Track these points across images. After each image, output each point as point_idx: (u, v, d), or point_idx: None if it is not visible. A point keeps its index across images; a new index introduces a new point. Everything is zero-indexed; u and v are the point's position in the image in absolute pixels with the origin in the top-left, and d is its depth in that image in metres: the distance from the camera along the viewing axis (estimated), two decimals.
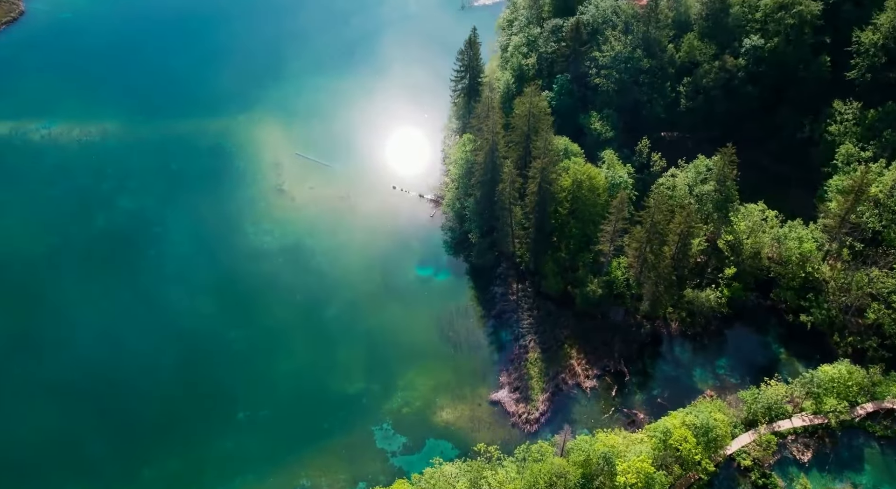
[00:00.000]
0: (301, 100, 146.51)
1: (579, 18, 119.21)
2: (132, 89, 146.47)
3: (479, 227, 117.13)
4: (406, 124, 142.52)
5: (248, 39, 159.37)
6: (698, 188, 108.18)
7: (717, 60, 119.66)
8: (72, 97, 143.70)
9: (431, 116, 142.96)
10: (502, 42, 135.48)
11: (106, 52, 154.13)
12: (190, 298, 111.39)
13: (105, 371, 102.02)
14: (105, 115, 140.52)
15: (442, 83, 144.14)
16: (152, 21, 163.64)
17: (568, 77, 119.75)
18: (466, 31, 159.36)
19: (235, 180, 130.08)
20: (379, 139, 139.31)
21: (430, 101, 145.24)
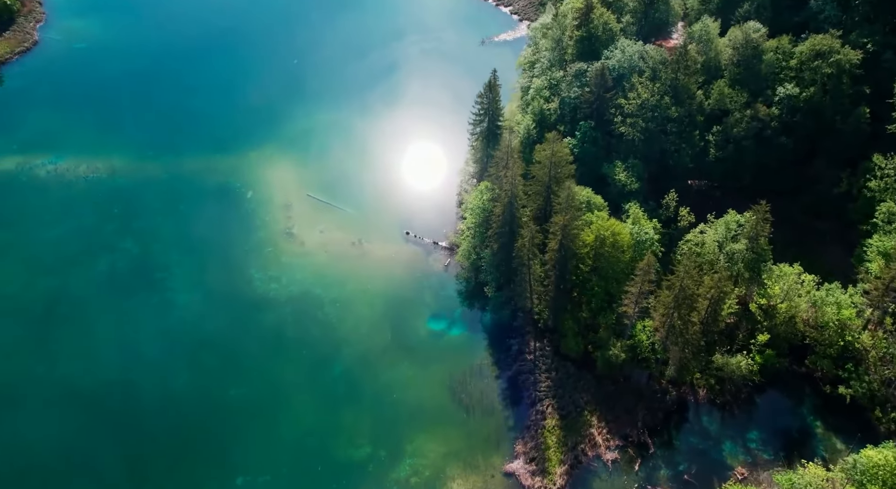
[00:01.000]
0: (315, 137, 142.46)
1: (605, 64, 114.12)
2: (143, 123, 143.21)
3: (496, 280, 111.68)
4: (422, 166, 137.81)
5: (264, 73, 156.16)
6: (729, 246, 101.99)
7: (749, 109, 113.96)
8: (81, 131, 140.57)
9: (448, 158, 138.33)
10: (523, 83, 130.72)
11: (118, 85, 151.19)
12: (191, 352, 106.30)
13: (93, 430, 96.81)
14: (114, 150, 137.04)
15: (460, 123, 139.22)
16: (167, 53, 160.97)
17: (591, 124, 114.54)
18: (486, 68, 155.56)
19: (244, 222, 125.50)
20: (393, 181, 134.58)
21: (447, 142, 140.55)
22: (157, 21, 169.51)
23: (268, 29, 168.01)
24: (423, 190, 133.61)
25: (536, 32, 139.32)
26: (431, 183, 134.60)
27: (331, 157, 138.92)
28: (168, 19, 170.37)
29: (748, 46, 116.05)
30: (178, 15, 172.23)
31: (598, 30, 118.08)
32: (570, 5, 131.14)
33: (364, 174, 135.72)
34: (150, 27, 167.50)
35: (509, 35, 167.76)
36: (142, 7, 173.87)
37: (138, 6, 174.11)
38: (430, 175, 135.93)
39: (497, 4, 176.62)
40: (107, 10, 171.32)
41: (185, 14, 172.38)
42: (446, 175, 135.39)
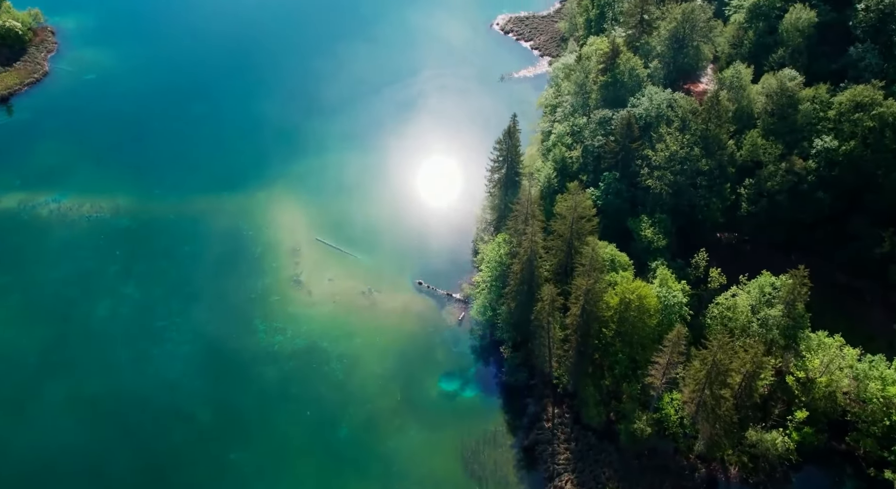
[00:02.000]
0: (326, 177, 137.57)
1: (631, 112, 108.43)
2: (150, 159, 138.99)
3: (512, 338, 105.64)
4: (436, 209, 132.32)
5: (276, 106, 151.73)
6: (763, 312, 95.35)
7: (784, 162, 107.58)
8: (86, 167, 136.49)
9: (464, 202, 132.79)
10: (544, 127, 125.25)
11: (126, 117, 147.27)
12: (189, 409, 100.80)
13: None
14: (119, 188, 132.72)
15: (477, 164, 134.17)
16: (178, 83, 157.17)
17: (616, 175, 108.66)
18: (505, 106, 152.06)
19: (250, 268, 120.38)
20: (406, 224, 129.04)
21: (463, 185, 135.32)
22: (169, 50, 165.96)
23: (281, 61, 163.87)
24: (437, 235, 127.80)
25: (558, 72, 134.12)
26: (446, 228, 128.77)
27: (342, 196, 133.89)
28: (181, 48, 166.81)
29: (783, 95, 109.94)
30: (191, 44, 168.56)
31: (623, 75, 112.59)
32: (593, 47, 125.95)
33: (376, 216, 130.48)
34: (163, 56, 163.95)
35: (529, 71, 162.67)
36: (155, 36, 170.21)
37: (151, 35, 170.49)
38: (445, 220, 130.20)
39: (517, 39, 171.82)
40: (119, 39, 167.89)
41: (199, 43, 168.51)
42: (461, 220, 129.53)
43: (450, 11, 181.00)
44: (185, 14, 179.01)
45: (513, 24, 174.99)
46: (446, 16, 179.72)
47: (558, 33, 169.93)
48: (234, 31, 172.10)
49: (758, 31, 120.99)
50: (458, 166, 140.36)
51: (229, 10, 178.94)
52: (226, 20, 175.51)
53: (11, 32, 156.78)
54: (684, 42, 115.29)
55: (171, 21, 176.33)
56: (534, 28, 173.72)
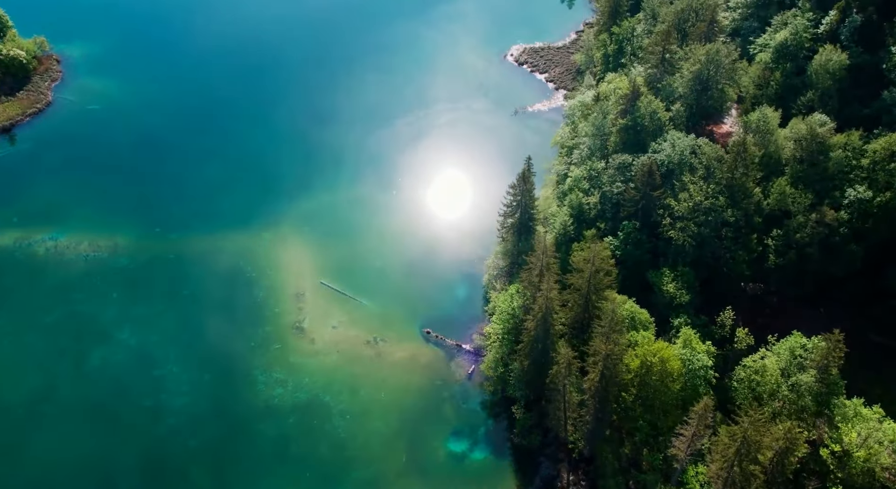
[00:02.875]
0: (334, 215, 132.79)
1: (652, 159, 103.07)
2: (152, 195, 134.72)
3: (525, 396, 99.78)
4: (446, 253, 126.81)
5: (285, 142, 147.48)
6: (795, 377, 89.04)
7: (814, 212, 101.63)
8: (86, 202, 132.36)
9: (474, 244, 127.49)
10: (559, 169, 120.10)
11: (129, 151, 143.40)
12: (181, 468, 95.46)
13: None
14: (119, 225, 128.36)
15: (488, 204, 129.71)
16: (184, 114, 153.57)
17: (636, 225, 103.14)
18: (519, 142, 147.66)
19: (251, 313, 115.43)
20: (414, 268, 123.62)
21: (473, 227, 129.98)
22: (177, 78, 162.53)
23: (291, 92, 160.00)
24: (447, 281, 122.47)
25: (574, 110, 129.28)
26: (456, 273, 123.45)
27: (349, 236, 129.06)
28: (189, 77, 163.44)
29: (813, 142, 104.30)
30: (200, 73, 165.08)
31: (644, 119, 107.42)
32: (612, 85, 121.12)
33: (384, 258, 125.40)
34: (169, 85, 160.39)
35: (544, 105, 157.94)
36: (162, 64, 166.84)
37: (159, 63, 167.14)
38: (456, 264, 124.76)
39: (532, 71, 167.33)
40: (126, 67, 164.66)
41: (208, 73, 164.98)
42: (472, 265, 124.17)
43: (464, 42, 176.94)
44: (195, 42, 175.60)
45: (527, 56, 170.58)
46: (460, 46, 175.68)
47: (574, 65, 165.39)
48: (243, 59, 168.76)
49: (785, 72, 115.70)
50: (469, 207, 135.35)
51: (239, 37, 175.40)
52: (235, 48, 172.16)
53: (16, 61, 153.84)
54: (708, 84, 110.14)
55: (180, 49, 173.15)
56: (549, 60, 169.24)
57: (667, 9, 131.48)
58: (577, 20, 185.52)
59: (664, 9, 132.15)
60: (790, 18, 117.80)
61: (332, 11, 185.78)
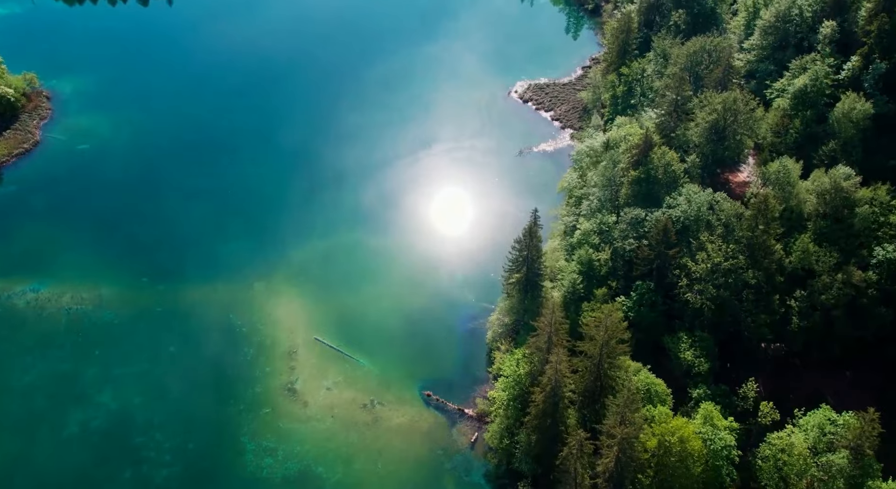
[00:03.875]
0: (330, 264, 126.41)
1: (667, 215, 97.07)
2: (141, 241, 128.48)
3: (532, 470, 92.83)
4: (448, 307, 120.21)
5: (281, 184, 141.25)
6: (825, 456, 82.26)
7: (840, 272, 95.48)
8: (71, 250, 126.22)
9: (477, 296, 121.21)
10: (567, 220, 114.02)
11: (118, 194, 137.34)
12: None
13: None
14: (104, 275, 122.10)
15: (492, 253, 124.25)
16: (177, 156, 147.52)
17: (650, 285, 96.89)
18: (523, 186, 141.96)
19: (241, 373, 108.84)
20: (415, 324, 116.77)
21: (476, 279, 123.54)
22: (171, 115, 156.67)
23: (289, 130, 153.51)
24: (449, 337, 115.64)
25: (582, 156, 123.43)
26: (458, 328, 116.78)
27: (346, 288, 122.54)
28: (182, 113, 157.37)
29: (837, 196, 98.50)
30: (195, 109, 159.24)
31: (657, 171, 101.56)
32: (622, 132, 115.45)
33: (381, 311, 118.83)
34: (163, 123, 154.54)
35: (550, 145, 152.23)
36: (156, 100, 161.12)
37: (153, 99, 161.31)
38: (457, 318, 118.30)
39: (537, 108, 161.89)
40: (118, 104, 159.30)
41: (203, 109, 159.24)
42: (475, 318, 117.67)
43: (467, 78, 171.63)
44: (192, 74, 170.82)
45: (532, 93, 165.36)
46: (463, 82, 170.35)
47: (581, 103, 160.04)
48: (239, 96, 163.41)
49: (805, 120, 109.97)
50: (472, 255, 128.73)
51: (236, 72, 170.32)
52: (232, 84, 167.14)
53: (3, 99, 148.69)
54: (725, 133, 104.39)
55: (176, 81, 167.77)
56: (554, 97, 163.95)
57: (678, 50, 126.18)
58: (583, 55, 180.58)
59: (675, 50, 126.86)
60: (809, 63, 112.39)
61: (329, 47, 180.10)
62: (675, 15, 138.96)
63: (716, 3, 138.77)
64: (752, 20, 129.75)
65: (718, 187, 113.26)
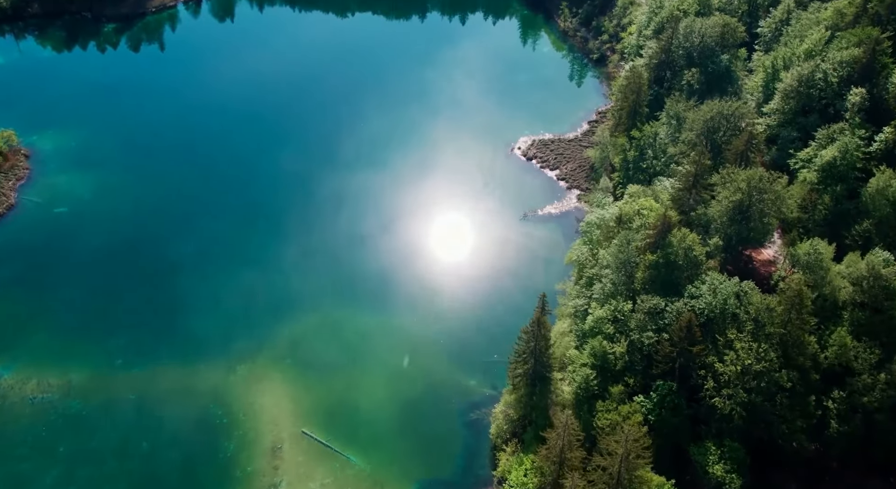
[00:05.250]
0: (319, 342, 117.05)
1: (691, 308, 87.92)
2: (116, 318, 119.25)
3: None
4: (448, 392, 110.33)
5: (268, 253, 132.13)
6: None
7: (883, 371, 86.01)
8: (40, 329, 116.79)
9: (479, 382, 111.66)
10: (578, 304, 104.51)
11: (94, 263, 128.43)
12: None
13: None
14: (75, 357, 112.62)
15: (496, 331, 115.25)
16: (160, 219, 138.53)
17: (672, 387, 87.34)
18: (528, 253, 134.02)
19: (220, 473, 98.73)
20: (412, 415, 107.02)
21: (479, 359, 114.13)
22: (156, 174, 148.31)
23: (280, 193, 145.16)
24: (448, 429, 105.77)
25: (592, 228, 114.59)
26: (459, 419, 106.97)
27: (336, 372, 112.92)
28: (170, 172, 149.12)
29: (876, 284, 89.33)
30: (182, 168, 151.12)
31: (677, 256, 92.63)
32: (635, 206, 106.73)
33: (375, 399, 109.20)
34: (147, 183, 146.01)
35: (556, 208, 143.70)
36: (142, 157, 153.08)
37: (138, 156, 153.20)
38: (458, 409, 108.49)
39: (541, 166, 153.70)
40: (100, 161, 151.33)
41: (190, 168, 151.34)
42: (477, 406, 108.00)
43: (466, 133, 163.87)
44: (180, 130, 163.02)
45: (536, 149, 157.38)
46: (462, 137, 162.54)
47: (588, 161, 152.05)
48: (226, 155, 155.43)
49: (835, 196, 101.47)
50: (474, 334, 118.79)
51: (224, 130, 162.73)
52: (220, 142, 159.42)
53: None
54: (749, 214, 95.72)
55: (162, 138, 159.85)
56: (559, 154, 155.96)
57: (693, 114, 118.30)
58: (589, 108, 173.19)
59: (690, 114, 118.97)
60: (837, 133, 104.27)
61: (320, 107, 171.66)
62: (688, 74, 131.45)
63: (731, 61, 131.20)
64: (770, 82, 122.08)
65: (741, 266, 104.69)
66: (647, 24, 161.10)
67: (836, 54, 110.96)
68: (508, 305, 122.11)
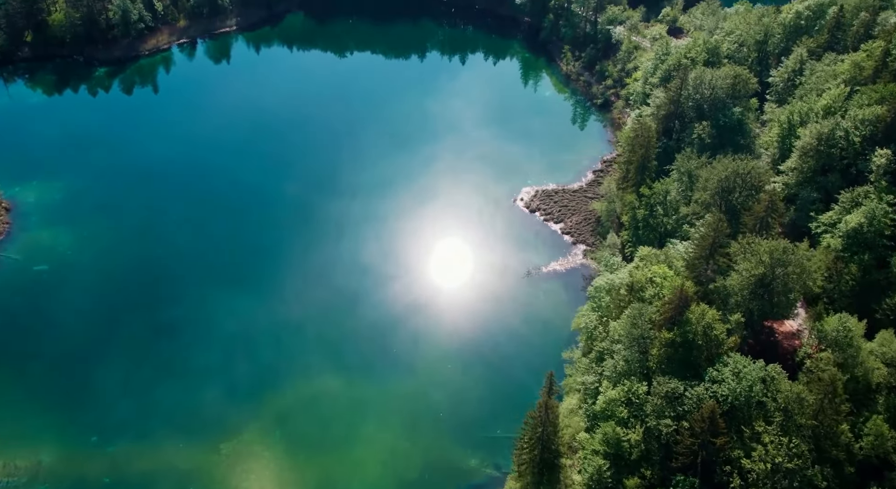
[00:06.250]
0: (308, 415, 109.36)
1: (715, 396, 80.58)
2: (93, 390, 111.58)
3: None
4: (448, 478, 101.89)
5: (254, 317, 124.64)
6: None
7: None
8: (11, 404, 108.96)
9: (481, 463, 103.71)
10: (588, 380, 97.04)
11: (74, 328, 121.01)
12: None
13: None
14: (46, 433, 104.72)
15: (499, 404, 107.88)
16: (146, 278, 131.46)
17: (695, 483, 79.52)
18: (533, 314, 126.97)
19: None
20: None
21: (479, 431, 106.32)
22: (139, 233, 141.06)
23: (264, 252, 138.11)
24: None
25: (601, 293, 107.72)
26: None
27: (327, 449, 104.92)
28: (153, 230, 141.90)
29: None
30: (166, 225, 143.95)
31: (696, 335, 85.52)
32: (647, 272, 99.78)
33: (369, 482, 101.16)
34: (130, 241, 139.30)
35: (561, 264, 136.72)
36: (128, 210, 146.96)
37: (124, 209, 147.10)
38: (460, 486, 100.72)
39: (545, 219, 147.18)
40: (85, 214, 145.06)
41: (175, 223, 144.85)
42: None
43: (467, 183, 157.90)
44: (169, 179, 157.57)
45: (539, 201, 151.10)
46: (464, 187, 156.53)
47: (593, 214, 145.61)
48: (220, 209, 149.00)
49: (862, 265, 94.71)
50: (475, 406, 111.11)
51: (218, 180, 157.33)
52: (212, 193, 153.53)
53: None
54: (772, 287, 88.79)
55: (150, 190, 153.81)
56: (564, 206, 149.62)
57: (706, 172, 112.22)
58: (593, 156, 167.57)
59: (703, 172, 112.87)
60: (862, 197, 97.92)
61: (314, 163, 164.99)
62: (699, 127, 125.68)
63: (743, 114, 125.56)
64: (786, 137, 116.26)
65: (762, 338, 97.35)
66: (653, 71, 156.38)
67: (857, 112, 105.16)
68: (512, 371, 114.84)
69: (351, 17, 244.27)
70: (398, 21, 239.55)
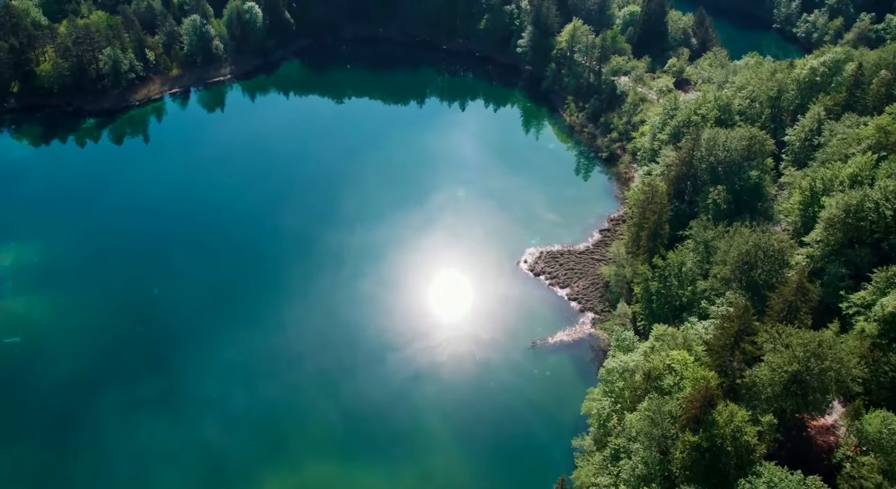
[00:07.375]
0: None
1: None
2: (64, 474, 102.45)
3: None
4: None
5: (242, 393, 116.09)
6: None
7: None
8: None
9: None
10: (602, 482, 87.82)
11: (45, 409, 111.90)
12: None
13: None
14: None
15: None
16: (123, 355, 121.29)
17: None
18: (539, 392, 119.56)
19: None
20: None
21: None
22: (120, 300, 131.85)
23: (256, 319, 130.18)
24: None
25: (614, 376, 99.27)
26: None
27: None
28: (136, 296, 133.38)
29: None
30: (149, 291, 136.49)
31: (724, 440, 76.82)
32: (665, 358, 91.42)
33: None
34: (110, 310, 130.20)
35: (568, 334, 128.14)
36: (107, 278, 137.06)
37: (103, 276, 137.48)
38: None
39: (550, 284, 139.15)
40: (65, 280, 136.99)
41: (160, 287, 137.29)
42: None
43: (469, 244, 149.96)
44: (154, 239, 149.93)
45: (544, 263, 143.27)
46: (465, 250, 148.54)
47: (601, 278, 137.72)
48: (210, 273, 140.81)
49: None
50: None
51: (203, 246, 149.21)
52: (201, 255, 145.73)
53: None
54: (806, 386, 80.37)
55: (140, 250, 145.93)
56: (569, 269, 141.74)
57: (724, 243, 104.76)
58: (600, 213, 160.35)
59: (722, 243, 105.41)
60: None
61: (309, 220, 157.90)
62: (714, 192, 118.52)
63: (760, 176, 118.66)
64: (809, 206, 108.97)
65: (794, 434, 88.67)
66: (661, 126, 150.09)
67: (887, 183, 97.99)
68: (518, 463, 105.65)
69: (348, 64, 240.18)
70: (397, 68, 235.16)
